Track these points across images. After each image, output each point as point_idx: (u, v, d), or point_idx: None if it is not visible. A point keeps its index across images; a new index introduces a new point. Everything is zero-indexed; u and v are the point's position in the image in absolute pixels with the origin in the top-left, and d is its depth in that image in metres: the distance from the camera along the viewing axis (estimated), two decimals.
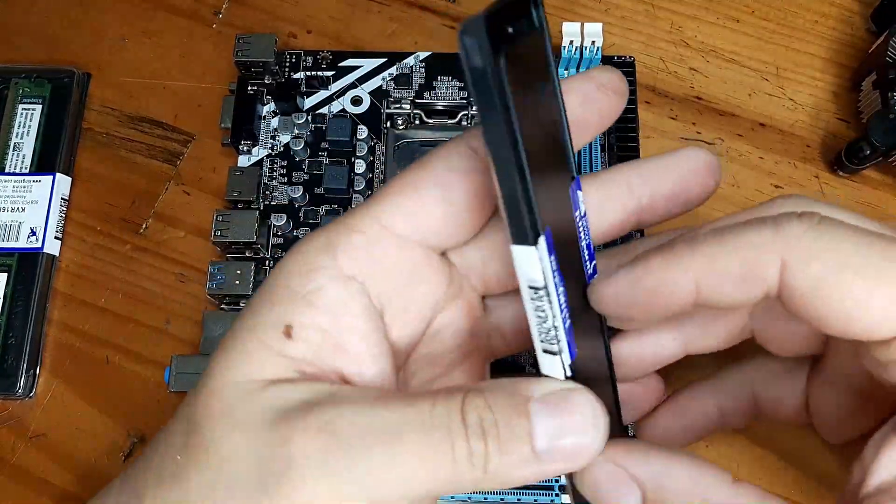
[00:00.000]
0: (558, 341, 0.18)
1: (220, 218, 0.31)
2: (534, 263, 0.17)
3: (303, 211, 0.33)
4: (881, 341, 0.18)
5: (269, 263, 0.32)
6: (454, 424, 0.17)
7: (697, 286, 0.19)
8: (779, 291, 0.18)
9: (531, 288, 0.17)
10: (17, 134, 0.34)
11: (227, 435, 0.18)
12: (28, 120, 0.34)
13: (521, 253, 0.17)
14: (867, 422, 0.22)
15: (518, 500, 0.29)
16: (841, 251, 0.18)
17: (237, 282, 0.31)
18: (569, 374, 0.18)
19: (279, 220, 0.33)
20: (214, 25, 0.37)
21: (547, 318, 0.18)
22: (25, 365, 0.31)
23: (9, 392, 0.31)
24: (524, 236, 0.17)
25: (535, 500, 0.29)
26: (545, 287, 0.17)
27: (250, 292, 0.31)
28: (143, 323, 0.32)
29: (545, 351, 0.18)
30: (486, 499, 0.29)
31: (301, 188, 0.33)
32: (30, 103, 0.35)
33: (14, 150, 0.34)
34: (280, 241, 0.33)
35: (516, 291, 0.24)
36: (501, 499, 0.29)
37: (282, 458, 0.17)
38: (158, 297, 0.33)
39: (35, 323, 0.32)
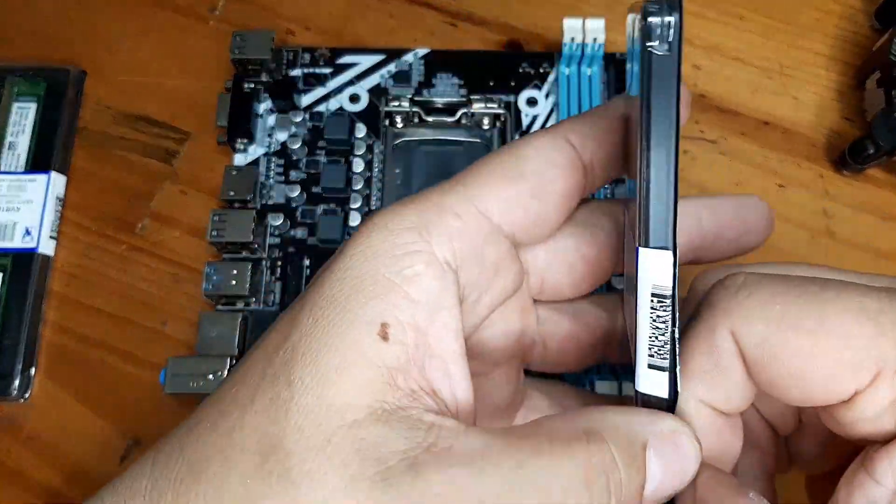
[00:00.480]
0: (669, 356, 0.17)
1: (217, 217, 0.31)
2: (666, 269, 0.16)
3: (300, 210, 0.33)
4: (842, 403, 0.17)
5: (266, 264, 0.32)
6: (582, 497, 0.16)
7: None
8: (748, 370, 0.17)
9: (655, 296, 0.17)
10: (12, 132, 0.34)
11: (322, 478, 0.15)
12: (23, 118, 0.34)
13: (653, 257, 0.16)
14: (845, 452, 0.21)
15: None
16: (776, 305, 0.17)
17: (233, 282, 0.30)
18: (672, 392, 0.18)
19: (276, 220, 0.32)
20: (211, 22, 0.37)
21: (665, 330, 0.17)
22: (20, 366, 0.31)
23: (3, 393, 0.30)
24: (664, 239, 0.16)
25: None
26: (671, 296, 0.17)
27: (247, 293, 0.30)
28: (139, 324, 0.32)
29: (651, 366, 0.17)
30: None
31: (298, 187, 0.33)
32: (25, 101, 0.34)
33: (9, 148, 0.33)
34: (277, 240, 0.32)
35: (569, 304, 0.23)
36: None
37: None
38: (154, 297, 0.32)
39: (30, 324, 0.31)
